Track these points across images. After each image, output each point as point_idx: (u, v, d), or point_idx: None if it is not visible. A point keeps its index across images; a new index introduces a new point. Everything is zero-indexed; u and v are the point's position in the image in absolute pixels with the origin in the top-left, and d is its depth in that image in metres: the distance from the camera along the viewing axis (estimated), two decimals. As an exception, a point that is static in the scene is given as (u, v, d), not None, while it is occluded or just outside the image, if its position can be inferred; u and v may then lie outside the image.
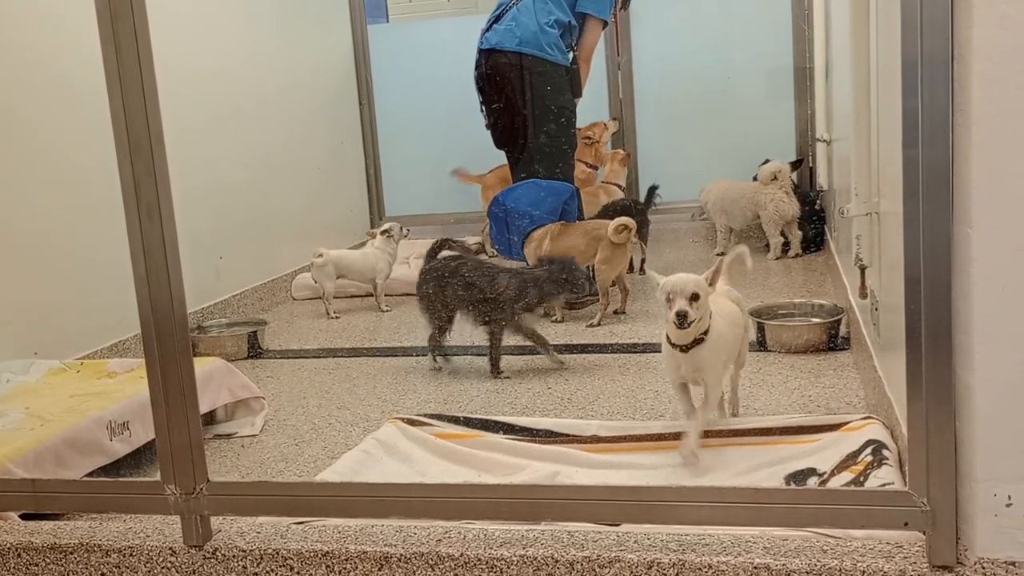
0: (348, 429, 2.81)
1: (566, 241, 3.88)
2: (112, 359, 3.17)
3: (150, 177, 1.75)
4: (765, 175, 4.94)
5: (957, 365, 1.46)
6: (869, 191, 2.45)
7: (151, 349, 1.80)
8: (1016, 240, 1.41)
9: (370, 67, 6.10)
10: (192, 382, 1.82)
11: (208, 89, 4.31)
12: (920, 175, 1.43)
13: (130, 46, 1.71)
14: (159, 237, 1.77)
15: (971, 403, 1.45)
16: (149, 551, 1.86)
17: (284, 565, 1.79)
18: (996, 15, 1.37)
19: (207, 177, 4.18)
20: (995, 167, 1.40)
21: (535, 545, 1.69)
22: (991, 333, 1.43)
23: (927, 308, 1.45)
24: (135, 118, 1.73)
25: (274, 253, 4.87)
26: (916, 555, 1.54)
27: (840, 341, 3.23)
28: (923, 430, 1.48)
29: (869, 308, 2.62)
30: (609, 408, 2.79)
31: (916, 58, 1.41)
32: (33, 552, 1.92)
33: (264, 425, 2.90)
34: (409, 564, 1.72)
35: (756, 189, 4.96)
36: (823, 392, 2.79)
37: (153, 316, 1.79)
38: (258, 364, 3.68)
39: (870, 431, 2.16)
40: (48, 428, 2.35)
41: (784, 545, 1.61)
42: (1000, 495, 1.45)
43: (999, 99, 1.38)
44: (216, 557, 1.83)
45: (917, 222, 1.44)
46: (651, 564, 1.61)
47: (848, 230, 2.78)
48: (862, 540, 1.61)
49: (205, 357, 3.07)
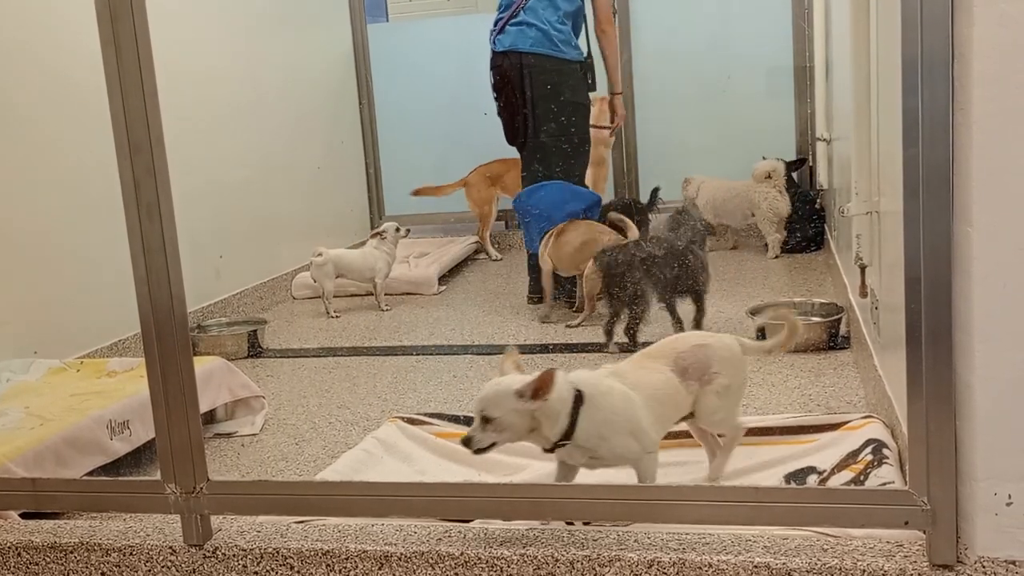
0: (348, 428, 2.81)
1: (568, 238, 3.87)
2: (112, 358, 3.17)
3: (150, 177, 1.75)
4: (759, 173, 4.96)
5: (957, 364, 1.46)
6: (869, 190, 2.44)
7: (151, 348, 1.80)
8: (1016, 239, 1.41)
9: (370, 66, 6.10)
10: (192, 381, 1.82)
11: (208, 89, 4.31)
12: (920, 174, 1.43)
13: (130, 47, 1.71)
14: (159, 237, 1.77)
15: (971, 402, 1.45)
16: (149, 550, 1.86)
17: (284, 564, 1.79)
18: (996, 13, 1.37)
19: (207, 177, 4.19)
20: (995, 166, 1.40)
21: (535, 544, 1.69)
22: (991, 332, 1.43)
23: (927, 307, 1.45)
24: (135, 118, 1.73)
25: (274, 252, 4.87)
26: (916, 554, 1.54)
27: (840, 340, 3.24)
28: (923, 429, 1.48)
29: (869, 307, 2.62)
30: (609, 407, 2.79)
31: (916, 57, 1.41)
32: (33, 551, 1.92)
33: (264, 424, 2.90)
34: (409, 563, 1.72)
35: (749, 188, 4.98)
36: (823, 391, 2.79)
37: (153, 315, 1.79)
38: (258, 363, 3.68)
39: (870, 430, 2.16)
40: (48, 427, 2.35)
41: (784, 544, 1.61)
42: (1000, 494, 1.45)
43: (999, 98, 1.38)
44: (216, 556, 1.83)
45: (917, 221, 1.44)
46: (651, 563, 1.61)
47: (848, 229, 2.78)
48: (862, 539, 1.61)
49: (205, 356, 3.07)
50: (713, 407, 2.02)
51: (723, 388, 2.01)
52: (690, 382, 2.00)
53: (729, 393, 2.04)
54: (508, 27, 4.10)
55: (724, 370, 2.02)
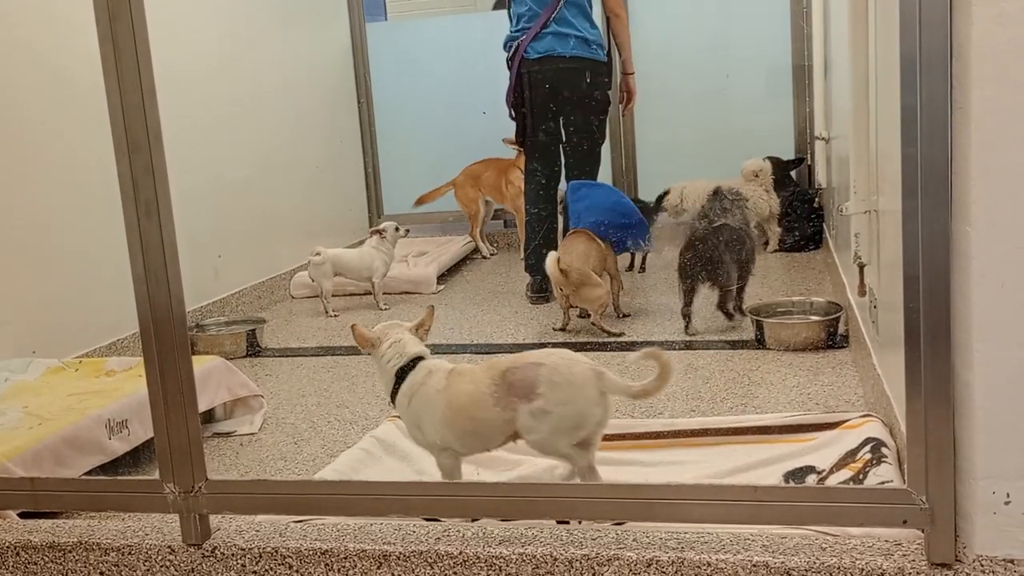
0: (347, 427, 2.81)
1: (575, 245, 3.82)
2: (111, 358, 3.16)
3: (148, 176, 1.75)
4: (747, 172, 4.98)
5: (956, 363, 1.46)
6: (868, 189, 2.44)
7: (150, 347, 1.80)
8: (1015, 238, 1.41)
9: (369, 65, 6.10)
10: (191, 380, 1.82)
11: (207, 87, 4.31)
12: (919, 173, 1.43)
13: (128, 45, 1.71)
14: (157, 236, 1.77)
15: (970, 401, 1.45)
16: (148, 550, 1.86)
17: (283, 563, 1.79)
18: (995, 12, 1.37)
19: (206, 176, 4.19)
20: (994, 164, 1.40)
21: (534, 543, 1.69)
22: (990, 331, 1.43)
23: (926, 306, 1.45)
24: (133, 117, 1.73)
25: (272, 251, 4.87)
26: (915, 553, 1.54)
27: (839, 339, 3.24)
28: (922, 428, 1.48)
29: (868, 306, 2.62)
30: (608, 406, 2.79)
31: (915, 55, 1.41)
32: (32, 551, 1.92)
33: (263, 423, 2.90)
34: (408, 562, 1.72)
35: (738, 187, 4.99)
36: (822, 390, 2.79)
37: (152, 315, 1.79)
38: (257, 362, 3.68)
39: (869, 429, 2.16)
40: (47, 427, 2.34)
41: (783, 543, 1.61)
42: (999, 493, 1.45)
43: (998, 96, 1.38)
44: (215, 556, 1.83)
45: (916, 220, 1.44)
46: (650, 562, 1.61)
47: (847, 228, 2.78)
48: (861, 538, 1.61)
49: (204, 355, 3.07)
50: (528, 426, 1.94)
51: (538, 411, 1.91)
52: (512, 398, 1.94)
53: (547, 419, 1.92)
54: (544, 32, 4.21)
55: (549, 394, 1.91)
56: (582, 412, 1.94)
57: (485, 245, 5.75)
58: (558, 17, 4.18)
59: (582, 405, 1.93)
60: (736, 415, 2.58)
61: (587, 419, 1.95)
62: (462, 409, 1.98)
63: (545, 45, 4.21)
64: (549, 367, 1.94)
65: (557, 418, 1.92)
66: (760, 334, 3.32)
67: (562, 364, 1.95)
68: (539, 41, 4.21)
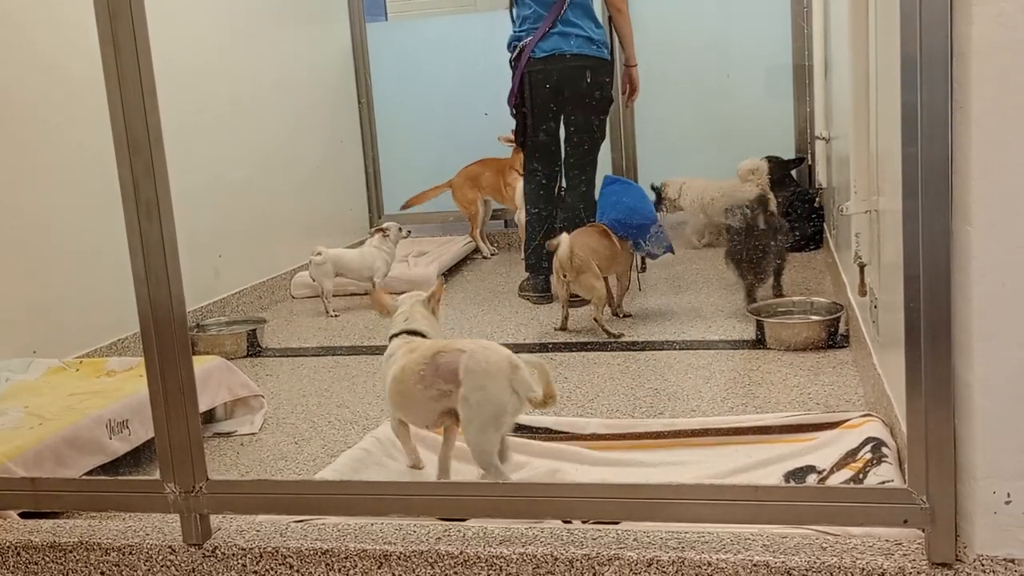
0: (347, 427, 2.81)
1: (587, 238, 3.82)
2: (111, 358, 3.16)
3: (149, 176, 1.75)
4: (743, 172, 4.99)
5: (956, 362, 1.46)
6: (868, 189, 2.44)
7: (150, 347, 1.80)
8: (1015, 237, 1.41)
9: (369, 65, 6.10)
10: (191, 380, 1.82)
11: (207, 87, 4.31)
12: (919, 172, 1.43)
13: (129, 45, 1.71)
14: (158, 236, 1.77)
15: (970, 400, 1.45)
16: (148, 549, 1.86)
17: (284, 563, 1.79)
18: (995, 12, 1.37)
19: (206, 175, 4.18)
20: (995, 164, 1.40)
21: (535, 543, 1.69)
22: (990, 330, 1.43)
23: (926, 305, 1.45)
24: (134, 117, 1.73)
25: (273, 251, 4.87)
26: (915, 552, 1.54)
27: (839, 339, 3.24)
28: (922, 427, 1.48)
29: (868, 305, 2.62)
30: (608, 406, 2.79)
31: (915, 55, 1.41)
32: (32, 551, 1.92)
33: (263, 423, 2.90)
34: (409, 562, 1.72)
35: (734, 187, 5.00)
36: (822, 390, 2.79)
37: (152, 314, 1.79)
38: (257, 362, 3.68)
39: (869, 428, 2.16)
40: (47, 427, 2.34)
41: (783, 542, 1.61)
42: (999, 492, 1.45)
43: (998, 96, 1.38)
44: (215, 555, 1.83)
45: (916, 219, 1.44)
46: (651, 562, 1.61)
47: (847, 228, 2.78)
48: (861, 537, 1.61)
49: (204, 355, 3.07)
50: (465, 416, 2.03)
51: (462, 400, 2.02)
52: (437, 379, 2.04)
53: (468, 407, 2.01)
54: (551, 32, 4.22)
55: (467, 380, 2.01)
56: (496, 400, 2.01)
57: (485, 245, 5.75)
58: (563, 17, 4.20)
59: (494, 392, 2.01)
60: (737, 415, 2.58)
61: (504, 408, 2.02)
62: (395, 380, 2.12)
63: (551, 44, 4.22)
64: (469, 354, 2.03)
65: (478, 408, 2.01)
66: (761, 334, 3.32)
67: (480, 352, 2.04)
68: (545, 41, 4.23)
